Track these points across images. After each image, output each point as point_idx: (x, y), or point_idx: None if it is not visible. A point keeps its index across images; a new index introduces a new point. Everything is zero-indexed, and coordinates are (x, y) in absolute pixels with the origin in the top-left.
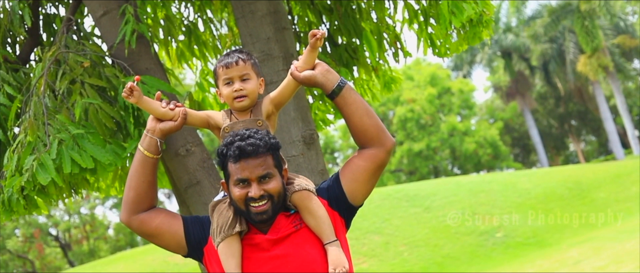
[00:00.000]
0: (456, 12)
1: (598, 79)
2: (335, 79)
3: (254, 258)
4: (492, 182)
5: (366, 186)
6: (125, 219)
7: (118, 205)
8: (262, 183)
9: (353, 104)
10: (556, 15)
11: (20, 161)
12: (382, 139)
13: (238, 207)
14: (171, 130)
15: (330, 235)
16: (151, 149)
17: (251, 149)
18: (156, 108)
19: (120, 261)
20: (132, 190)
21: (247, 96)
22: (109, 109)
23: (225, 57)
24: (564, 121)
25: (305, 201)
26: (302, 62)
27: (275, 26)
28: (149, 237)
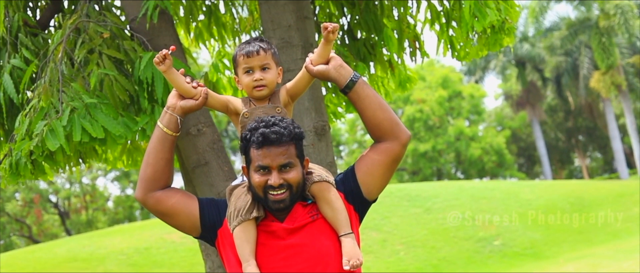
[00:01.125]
0: (479, 16)
1: (610, 97)
2: (348, 74)
3: (269, 245)
4: (494, 189)
5: (381, 180)
6: (141, 196)
7: (120, 178)
8: (282, 171)
9: (366, 98)
10: (574, 29)
11: (31, 126)
12: (397, 133)
13: (256, 193)
14: (191, 109)
15: (346, 227)
16: (170, 127)
17: (275, 137)
18: (181, 82)
19: (118, 234)
20: (150, 166)
21: (267, 85)
22: (124, 82)
23: (246, 45)
24: (571, 136)
25: (324, 192)
26: (316, 56)
27: (297, 14)
28: (163, 216)
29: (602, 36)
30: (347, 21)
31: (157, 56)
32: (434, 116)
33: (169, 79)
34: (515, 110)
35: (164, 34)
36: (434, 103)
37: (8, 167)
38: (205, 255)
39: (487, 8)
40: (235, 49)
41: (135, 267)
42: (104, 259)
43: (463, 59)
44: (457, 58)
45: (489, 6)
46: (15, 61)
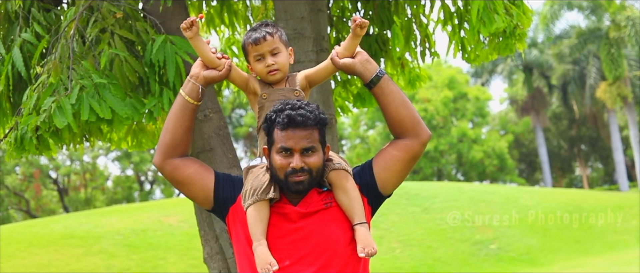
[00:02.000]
0: (486, 21)
1: (615, 108)
2: (373, 69)
3: (280, 226)
4: (494, 193)
5: (398, 176)
6: (159, 162)
7: (121, 158)
8: (304, 155)
9: (390, 94)
10: (584, 38)
11: (39, 101)
12: (418, 131)
13: (276, 175)
14: (214, 79)
15: (361, 216)
16: (192, 95)
17: (301, 120)
18: (206, 51)
19: (115, 214)
20: (169, 133)
21: (280, 69)
22: (135, 64)
23: (252, 32)
24: (574, 144)
25: (342, 180)
26: (343, 49)
27: (311, 6)
28: (178, 184)
29: (611, 46)
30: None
31: (185, 22)
32: (438, 116)
33: (195, 46)
34: (520, 115)
35: (176, 18)
36: (439, 103)
37: (13, 141)
38: (204, 241)
39: (496, 14)
40: (243, 38)
41: (131, 248)
42: (100, 238)
43: (473, 62)
44: (467, 60)
45: (498, 12)
46: (26, 35)
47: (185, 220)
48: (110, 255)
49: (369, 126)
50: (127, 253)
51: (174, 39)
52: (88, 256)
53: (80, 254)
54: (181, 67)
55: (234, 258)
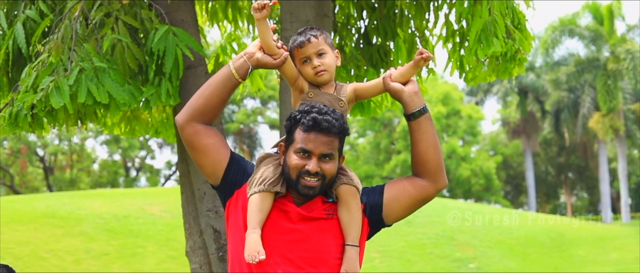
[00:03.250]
0: (484, 43)
1: (606, 140)
2: (419, 103)
3: (279, 223)
4: (477, 213)
5: (404, 210)
6: (183, 121)
7: (109, 142)
8: (322, 160)
9: (425, 133)
10: (582, 66)
11: (37, 79)
12: (437, 177)
13: (288, 173)
14: (266, 65)
15: (356, 238)
16: (240, 72)
17: (326, 125)
18: (269, 36)
19: (99, 197)
20: (204, 98)
21: (327, 70)
22: (136, 51)
23: (298, 36)
24: (561, 171)
25: (349, 197)
26: (398, 73)
27: (317, 11)
28: (194, 150)
29: (608, 78)
30: (364, 25)
31: (258, 3)
32: None
33: (260, 29)
34: (510, 137)
35: (182, 9)
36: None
37: (7, 116)
38: (187, 234)
39: (495, 37)
40: (290, 42)
41: (111, 233)
42: (82, 220)
43: (470, 82)
44: (465, 80)
45: (497, 35)
46: (30, 12)
47: (168, 210)
48: (90, 238)
49: (359, 134)
50: (107, 238)
51: (176, 31)
52: (68, 237)
53: (60, 234)
54: (180, 59)
55: (216, 254)
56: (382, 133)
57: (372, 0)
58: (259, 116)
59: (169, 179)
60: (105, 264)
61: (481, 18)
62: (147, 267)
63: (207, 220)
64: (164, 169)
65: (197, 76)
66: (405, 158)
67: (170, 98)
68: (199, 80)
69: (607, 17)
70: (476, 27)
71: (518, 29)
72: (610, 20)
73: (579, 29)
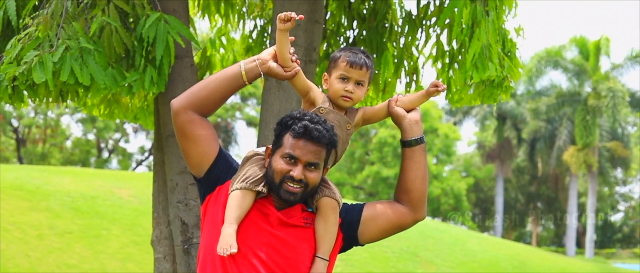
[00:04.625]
0: (479, 67)
1: (578, 174)
2: (417, 133)
3: (257, 224)
4: (444, 232)
5: (378, 232)
6: (179, 106)
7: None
8: (307, 169)
9: (417, 162)
10: (562, 99)
11: (22, 52)
12: (418, 208)
13: (272, 177)
14: (277, 75)
15: (327, 252)
16: (249, 75)
17: (316, 134)
18: (286, 49)
19: (69, 175)
20: (207, 91)
21: (353, 99)
22: (124, 35)
23: (354, 55)
24: (531, 200)
25: (329, 210)
26: (406, 100)
27: (309, 16)
28: (184, 137)
29: (587, 113)
30: (353, 35)
31: (285, 15)
32: None
33: (279, 39)
34: (484, 161)
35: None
36: None
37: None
38: (155, 223)
39: (490, 62)
40: (337, 51)
41: (77, 212)
42: (49, 196)
43: (455, 104)
44: (450, 101)
45: (492, 60)
46: None
47: (136, 195)
48: (55, 215)
49: None
50: (72, 217)
51: (168, 19)
52: (33, 211)
53: (25, 208)
54: (171, 47)
55: (181, 246)
56: (358, 142)
57: (364, 12)
58: (237, 112)
59: (141, 164)
60: (68, 242)
61: (479, 41)
62: (109, 249)
63: (176, 211)
64: (137, 154)
65: (183, 67)
66: (378, 170)
67: (154, 86)
68: (184, 71)
69: (593, 53)
70: (474, 50)
71: (508, 56)
72: (596, 56)
73: (564, 62)
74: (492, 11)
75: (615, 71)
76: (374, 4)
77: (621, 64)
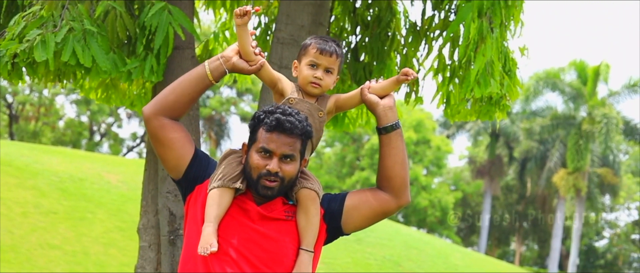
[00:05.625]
0: (482, 83)
1: (566, 197)
2: (392, 119)
3: (238, 220)
4: (427, 243)
5: (362, 221)
6: (149, 113)
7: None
8: (282, 161)
9: (395, 148)
10: (557, 121)
11: (25, 30)
12: (400, 194)
13: (249, 173)
14: (242, 70)
15: (311, 244)
16: (214, 74)
17: (288, 126)
18: (247, 42)
19: (59, 155)
20: (174, 94)
21: (322, 86)
22: (128, 21)
23: (324, 42)
24: (517, 220)
25: (309, 202)
26: (378, 86)
27: (314, 18)
28: (158, 143)
29: (580, 137)
30: (355, 40)
31: (240, 9)
32: None
33: (239, 34)
34: (474, 176)
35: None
36: None
37: None
38: (143, 211)
39: (492, 78)
40: (309, 38)
41: (63, 192)
42: (37, 175)
43: (452, 118)
44: (447, 115)
45: (494, 78)
46: None
47: (124, 181)
48: (41, 194)
49: (327, 144)
50: (59, 197)
51: (172, 9)
52: (20, 188)
53: (13, 184)
54: (171, 38)
55: (167, 236)
56: (350, 147)
57: (368, 18)
58: (232, 106)
59: (131, 150)
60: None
61: (484, 57)
62: (93, 232)
63: (165, 201)
64: (128, 140)
65: (184, 59)
66: (368, 176)
67: (153, 75)
68: (184, 62)
69: (591, 78)
70: (478, 66)
71: (508, 75)
72: (594, 81)
73: (562, 85)
74: (496, 28)
75: (612, 98)
76: (379, 11)
77: (618, 92)
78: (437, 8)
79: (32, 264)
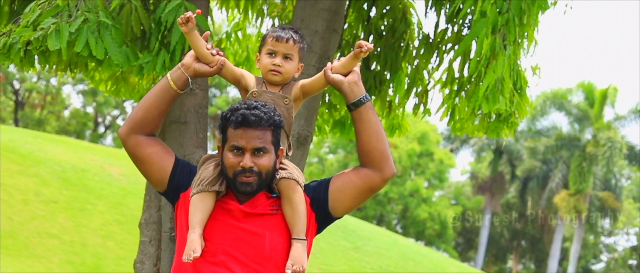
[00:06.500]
0: (490, 99)
1: (565, 218)
2: (359, 93)
3: (222, 221)
4: (425, 256)
5: (350, 201)
6: (124, 134)
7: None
8: (255, 155)
9: (367, 122)
10: (561, 142)
11: (40, 18)
12: (382, 166)
13: (226, 173)
14: (204, 74)
15: (301, 231)
16: (178, 83)
17: (254, 119)
18: (200, 46)
19: (63, 144)
20: (142, 110)
21: (282, 73)
22: (143, 16)
23: (280, 30)
24: (515, 237)
25: (290, 191)
26: (339, 65)
27: (328, 25)
28: (137, 160)
29: (584, 159)
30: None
31: (181, 17)
32: (399, 165)
33: (189, 41)
34: (475, 192)
35: None
36: (404, 153)
37: (1, 46)
38: (146, 206)
39: (501, 95)
40: (268, 30)
41: (65, 182)
42: (40, 162)
43: (457, 132)
44: (453, 129)
45: (504, 95)
46: None
47: (126, 174)
48: (43, 182)
49: (331, 150)
50: (60, 186)
51: (189, 6)
52: (22, 175)
53: (15, 171)
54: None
55: (169, 232)
56: (353, 154)
57: (382, 28)
58: None
59: None
60: (52, 211)
61: (494, 73)
62: (92, 223)
63: None
64: None
65: None
66: None
67: (165, 70)
68: None
69: (598, 101)
70: (488, 82)
71: (518, 93)
72: (601, 104)
73: (569, 106)
74: (509, 46)
75: (618, 122)
76: (393, 22)
77: (624, 116)
78: (450, 21)
79: (30, 251)
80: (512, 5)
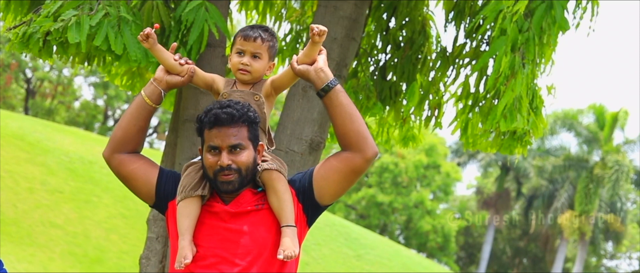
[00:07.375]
0: (508, 117)
1: (569, 239)
2: (326, 78)
3: (210, 224)
4: (426, 268)
5: (335, 187)
6: (107, 155)
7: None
8: (232, 153)
9: (338, 106)
10: (569, 162)
11: (61, 9)
12: (362, 146)
13: (207, 174)
14: (176, 84)
15: (290, 219)
16: (152, 98)
17: (226, 117)
18: (167, 58)
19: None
20: (121, 129)
21: (251, 72)
22: (164, 13)
23: (249, 29)
24: (517, 255)
25: (274, 181)
26: (302, 55)
27: (347, 33)
28: (123, 178)
29: (591, 181)
30: (385, 59)
31: (141, 35)
32: (405, 175)
33: (155, 55)
34: (480, 207)
35: None
36: (411, 164)
37: (20, 35)
38: None
39: (519, 113)
40: (239, 29)
41: (72, 173)
42: (48, 152)
43: (469, 146)
44: (464, 144)
45: (521, 113)
46: None
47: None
48: (50, 172)
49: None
50: (66, 177)
51: (209, 7)
52: (29, 164)
53: (22, 159)
54: (205, 35)
55: None
56: None
57: (400, 39)
58: None
59: None
60: (56, 201)
61: (513, 91)
62: (96, 216)
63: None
64: None
65: (214, 57)
66: (374, 193)
67: None
68: (214, 60)
69: (609, 123)
70: (506, 100)
71: (534, 112)
72: (611, 127)
73: (579, 127)
74: (528, 64)
75: (627, 146)
76: (412, 34)
77: (634, 140)
78: (469, 37)
79: (32, 240)
80: (533, 24)
